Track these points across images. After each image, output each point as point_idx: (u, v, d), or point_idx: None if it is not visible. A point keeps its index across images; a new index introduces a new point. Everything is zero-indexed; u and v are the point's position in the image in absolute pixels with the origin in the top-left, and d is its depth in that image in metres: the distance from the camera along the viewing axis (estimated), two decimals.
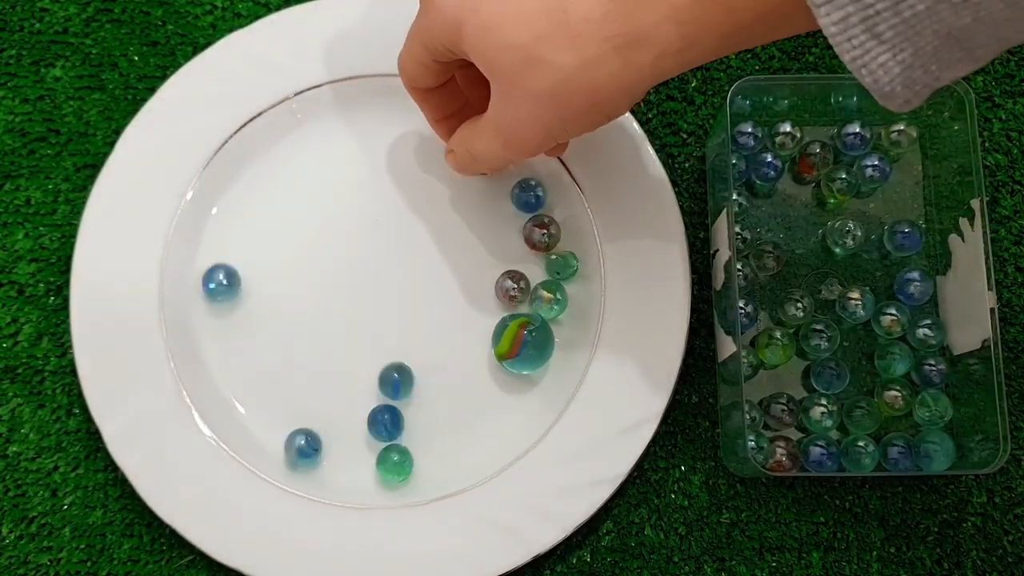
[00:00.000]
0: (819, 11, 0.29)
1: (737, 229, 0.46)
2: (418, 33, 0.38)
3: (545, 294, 0.45)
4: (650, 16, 0.32)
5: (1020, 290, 0.47)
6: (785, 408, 0.43)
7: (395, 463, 0.44)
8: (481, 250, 0.46)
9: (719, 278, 0.44)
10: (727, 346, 0.43)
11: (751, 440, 0.43)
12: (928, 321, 0.44)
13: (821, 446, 0.43)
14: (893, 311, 0.44)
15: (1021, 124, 0.48)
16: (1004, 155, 0.48)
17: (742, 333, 0.44)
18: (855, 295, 0.44)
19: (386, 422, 0.44)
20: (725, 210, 0.43)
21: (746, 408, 0.42)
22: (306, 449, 0.44)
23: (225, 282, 0.45)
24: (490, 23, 0.34)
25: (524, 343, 0.43)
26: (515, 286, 0.45)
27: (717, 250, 0.44)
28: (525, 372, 0.44)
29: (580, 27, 0.33)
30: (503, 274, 0.45)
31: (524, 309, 0.45)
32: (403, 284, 0.46)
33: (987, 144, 0.48)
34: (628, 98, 0.35)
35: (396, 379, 0.44)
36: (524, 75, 0.35)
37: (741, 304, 0.44)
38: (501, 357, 0.43)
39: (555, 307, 0.45)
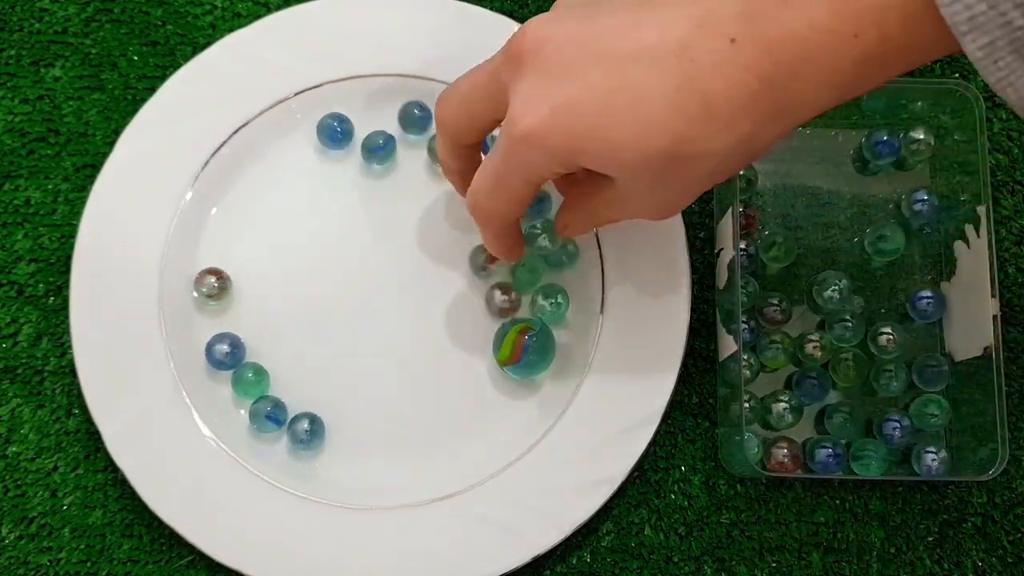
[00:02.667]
0: (965, 39, 0.28)
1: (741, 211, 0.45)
2: (515, 172, 0.35)
3: (542, 301, 0.45)
4: (807, 87, 0.31)
5: (1021, 291, 0.46)
6: (787, 407, 0.43)
7: (250, 381, 0.44)
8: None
9: (723, 277, 0.44)
10: (728, 346, 0.43)
11: (748, 435, 0.43)
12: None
13: (828, 447, 0.43)
14: (889, 330, 0.44)
15: (1021, 124, 0.48)
16: (1004, 155, 0.48)
17: (746, 338, 0.44)
18: (847, 320, 0.44)
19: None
20: (731, 209, 0.42)
21: (745, 406, 0.42)
22: (272, 415, 0.44)
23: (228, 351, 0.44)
24: (617, 143, 0.32)
25: (525, 349, 0.43)
26: (505, 298, 0.44)
27: (721, 249, 0.44)
28: (528, 377, 0.44)
29: (728, 113, 0.31)
30: (492, 287, 0.45)
31: (521, 315, 0.45)
32: (403, 283, 0.46)
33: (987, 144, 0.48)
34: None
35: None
36: (673, 174, 0.33)
37: (744, 319, 0.44)
38: (503, 364, 0.43)
39: (555, 311, 0.45)
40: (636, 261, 0.45)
